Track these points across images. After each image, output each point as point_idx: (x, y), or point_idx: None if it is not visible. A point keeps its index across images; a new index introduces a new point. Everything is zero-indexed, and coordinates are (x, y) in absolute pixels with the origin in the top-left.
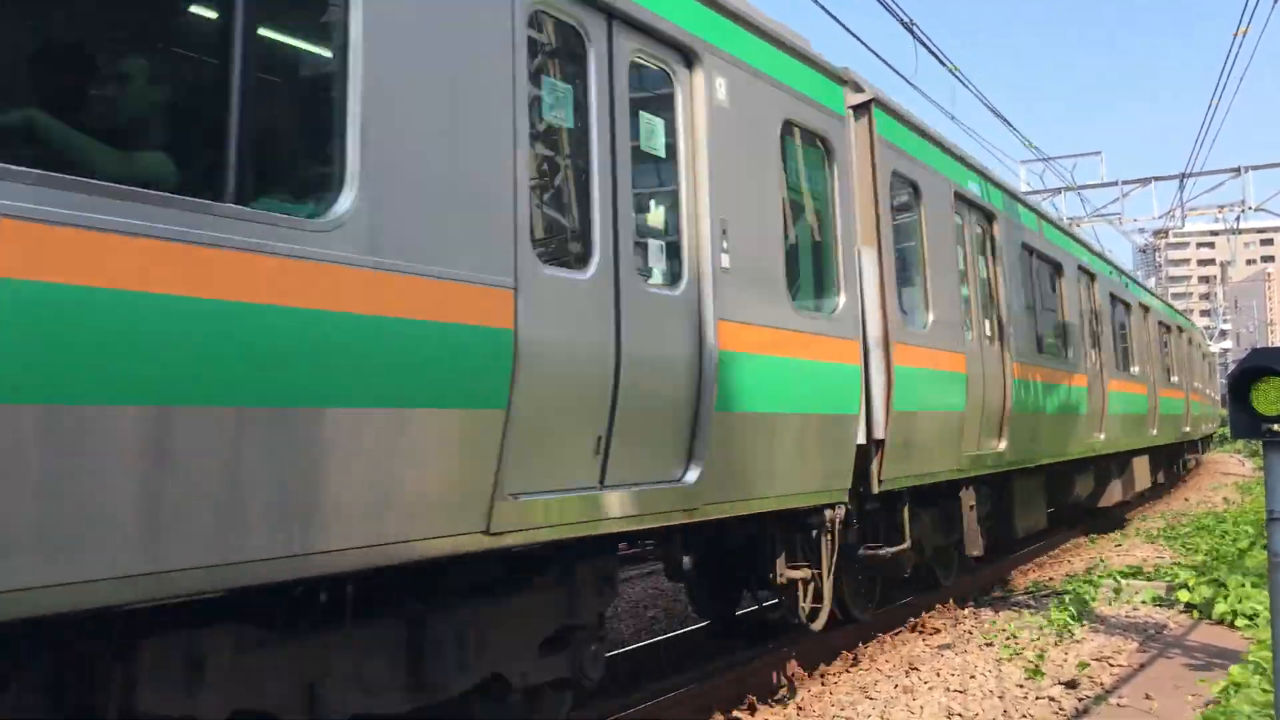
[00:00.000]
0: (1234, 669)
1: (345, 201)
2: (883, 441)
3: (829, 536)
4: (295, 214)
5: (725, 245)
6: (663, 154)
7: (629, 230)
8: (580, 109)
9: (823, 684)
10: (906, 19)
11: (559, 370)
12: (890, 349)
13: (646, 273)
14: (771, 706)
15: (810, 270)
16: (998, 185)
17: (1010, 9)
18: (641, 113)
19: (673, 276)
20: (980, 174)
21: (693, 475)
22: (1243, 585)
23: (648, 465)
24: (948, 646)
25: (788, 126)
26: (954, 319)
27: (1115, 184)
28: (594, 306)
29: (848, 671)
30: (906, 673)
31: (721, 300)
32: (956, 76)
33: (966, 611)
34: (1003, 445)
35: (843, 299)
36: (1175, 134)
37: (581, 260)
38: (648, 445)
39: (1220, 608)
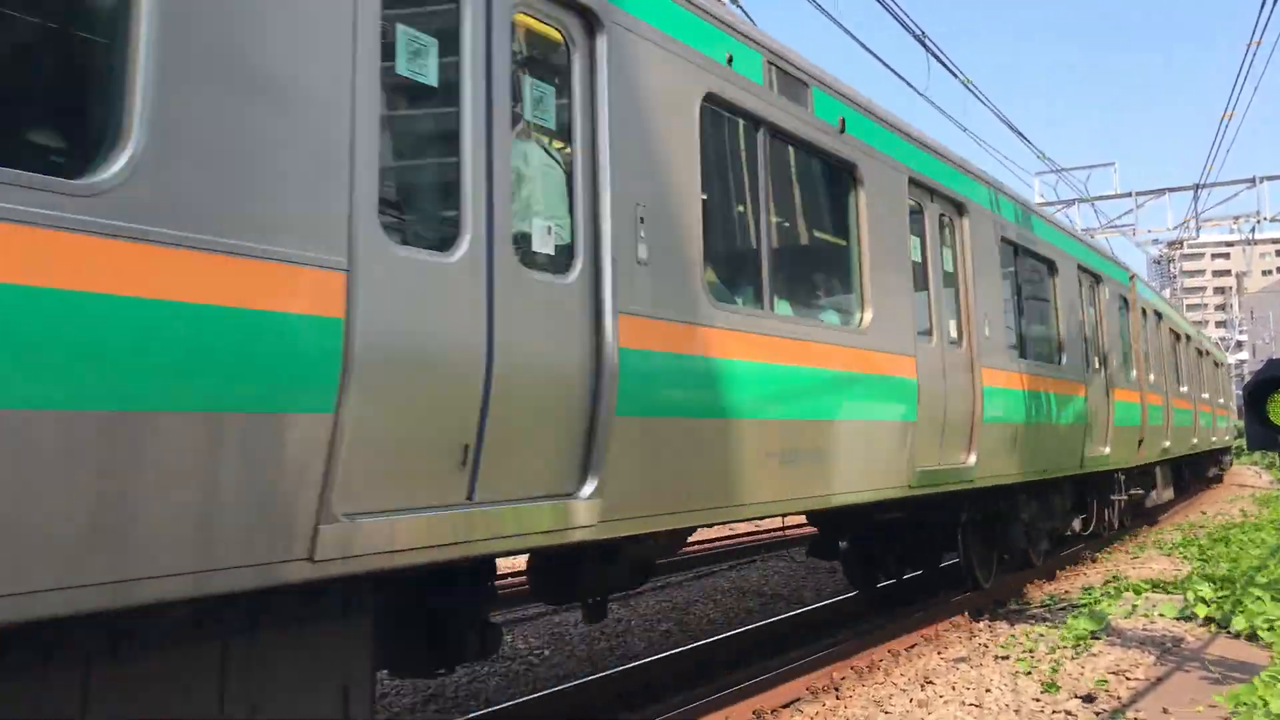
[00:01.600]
0: (1253, 681)
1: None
2: None
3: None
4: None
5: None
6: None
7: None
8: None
9: (837, 697)
10: (919, 31)
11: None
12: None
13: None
14: None
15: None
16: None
17: (1008, 7)
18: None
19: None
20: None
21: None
22: (1261, 598)
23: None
24: (963, 660)
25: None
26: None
27: (1129, 195)
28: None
29: (862, 684)
30: (922, 686)
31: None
32: (969, 89)
33: (982, 624)
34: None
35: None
36: (1189, 139)
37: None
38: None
39: (1239, 621)
